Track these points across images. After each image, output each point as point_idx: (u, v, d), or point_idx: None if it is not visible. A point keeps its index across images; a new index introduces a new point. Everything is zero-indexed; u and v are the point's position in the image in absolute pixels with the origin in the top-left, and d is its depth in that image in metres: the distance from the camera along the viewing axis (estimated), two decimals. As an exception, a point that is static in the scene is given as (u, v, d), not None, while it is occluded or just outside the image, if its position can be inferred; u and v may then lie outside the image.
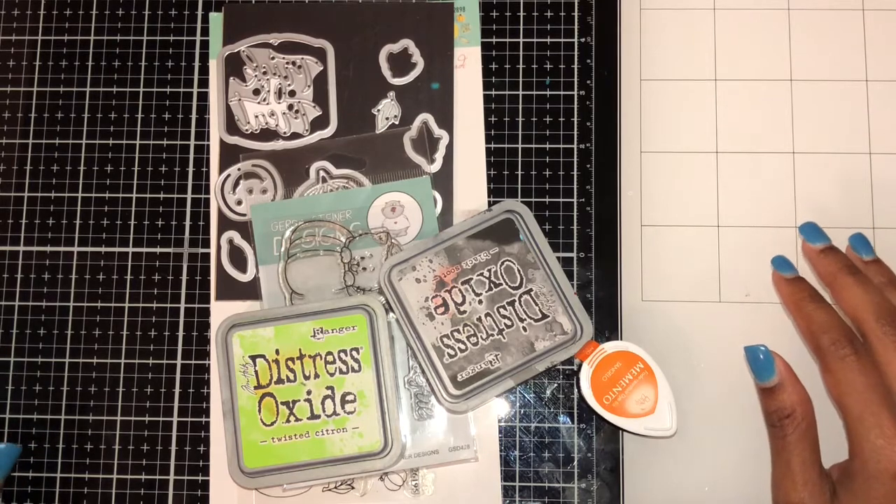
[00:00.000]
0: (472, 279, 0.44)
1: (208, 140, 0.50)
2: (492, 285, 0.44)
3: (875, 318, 0.39)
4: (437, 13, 0.50)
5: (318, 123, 0.49)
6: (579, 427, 0.46)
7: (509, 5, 0.50)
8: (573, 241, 0.48)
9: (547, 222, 0.48)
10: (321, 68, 0.50)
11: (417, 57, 0.50)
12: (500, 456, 0.46)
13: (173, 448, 0.47)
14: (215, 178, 0.49)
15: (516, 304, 0.44)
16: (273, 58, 0.50)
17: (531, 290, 0.44)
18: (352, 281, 0.47)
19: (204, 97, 0.50)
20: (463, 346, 0.44)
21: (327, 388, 0.44)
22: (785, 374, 0.41)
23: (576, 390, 0.47)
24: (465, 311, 0.44)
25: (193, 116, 0.50)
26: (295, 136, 0.49)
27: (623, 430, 0.44)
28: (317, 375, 0.44)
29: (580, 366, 0.44)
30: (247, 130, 0.49)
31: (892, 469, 0.37)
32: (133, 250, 0.49)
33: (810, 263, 0.45)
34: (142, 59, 0.51)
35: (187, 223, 0.49)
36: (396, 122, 0.49)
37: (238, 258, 0.48)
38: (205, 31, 0.51)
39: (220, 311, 0.47)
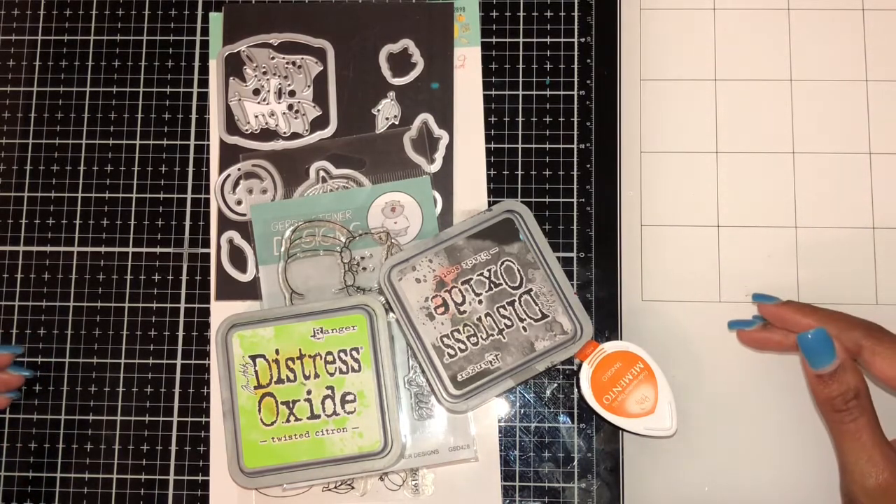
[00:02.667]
0: (472, 279, 0.44)
1: (208, 140, 0.50)
2: (492, 285, 0.44)
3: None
4: (437, 13, 0.50)
5: (318, 123, 0.49)
6: (579, 427, 0.46)
7: (509, 5, 0.50)
8: (573, 241, 0.48)
9: (547, 222, 0.48)
10: (321, 68, 0.50)
11: (417, 57, 0.50)
12: (500, 456, 0.46)
13: (173, 448, 0.47)
14: (215, 178, 0.49)
15: (516, 304, 0.44)
16: (273, 58, 0.50)
17: (531, 290, 0.44)
18: (352, 281, 0.47)
19: (204, 97, 0.50)
20: (463, 346, 0.44)
21: (327, 387, 0.44)
22: (844, 355, 0.39)
23: (576, 390, 0.47)
24: (465, 311, 0.44)
25: (193, 116, 0.50)
26: (295, 136, 0.49)
27: (623, 430, 0.44)
28: (317, 375, 0.44)
29: (580, 366, 0.44)
30: (247, 130, 0.49)
31: None
32: (133, 250, 0.49)
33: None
34: (142, 59, 0.51)
35: (187, 223, 0.49)
36: (396, 122, 0.49)
37: (238, 258, 0.48)
38: (205, 31, 0.51)
39: (220, 311, 0.47)
